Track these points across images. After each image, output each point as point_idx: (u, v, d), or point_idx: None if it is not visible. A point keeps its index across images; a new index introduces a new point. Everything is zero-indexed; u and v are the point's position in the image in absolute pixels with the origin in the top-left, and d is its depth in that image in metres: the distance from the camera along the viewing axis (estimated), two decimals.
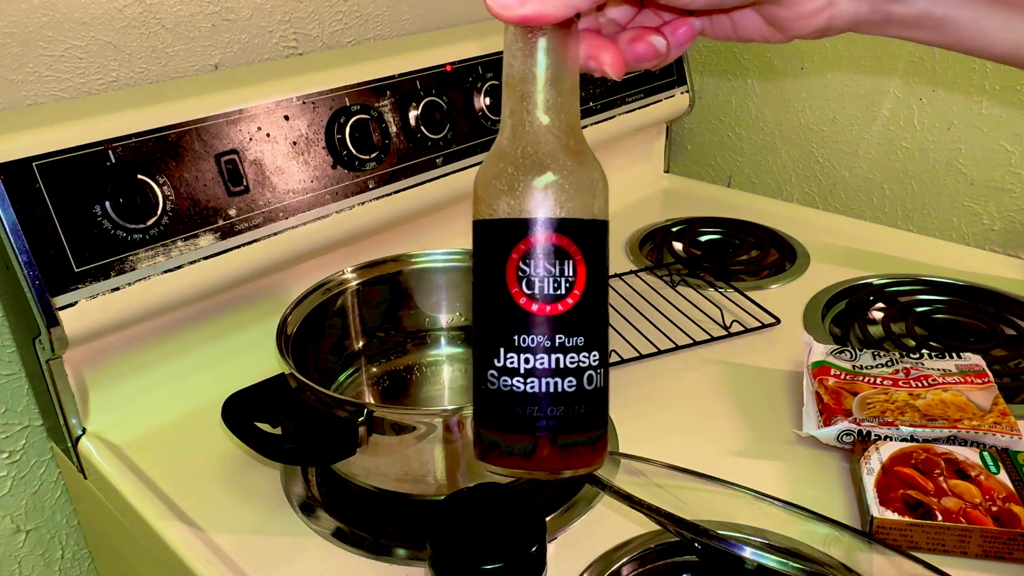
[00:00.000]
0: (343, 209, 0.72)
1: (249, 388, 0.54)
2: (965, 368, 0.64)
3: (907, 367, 0.64)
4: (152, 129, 0.61)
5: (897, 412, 0.59)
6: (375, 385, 0.67)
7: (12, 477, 0.73)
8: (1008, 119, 0.90)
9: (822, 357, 0.67)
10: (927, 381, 0.62)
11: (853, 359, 0.66)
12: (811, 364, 0.66)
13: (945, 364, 0.65)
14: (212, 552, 0.52)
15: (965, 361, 0.65)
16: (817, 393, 0.63)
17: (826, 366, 0.65)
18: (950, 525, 0.49)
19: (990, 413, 0.58)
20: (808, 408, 0.63)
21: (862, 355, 0.67)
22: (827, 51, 1.03)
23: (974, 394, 0.61)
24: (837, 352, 0.67)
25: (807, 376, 0.66)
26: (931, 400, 0.60)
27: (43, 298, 0.56)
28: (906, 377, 0.63)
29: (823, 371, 0.65)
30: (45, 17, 0.65)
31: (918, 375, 0.63)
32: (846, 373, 0.64)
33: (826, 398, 0.62)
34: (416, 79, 0.77)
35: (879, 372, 0.64)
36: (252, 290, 0.71)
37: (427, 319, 0.71)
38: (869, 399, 0.61)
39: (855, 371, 0.65)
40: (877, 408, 0.60)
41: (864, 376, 0.64)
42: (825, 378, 0.64)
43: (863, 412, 0.60)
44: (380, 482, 0.53)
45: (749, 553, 0.38)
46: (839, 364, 0.66)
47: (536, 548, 0.38)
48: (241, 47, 0.78)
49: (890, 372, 0.64)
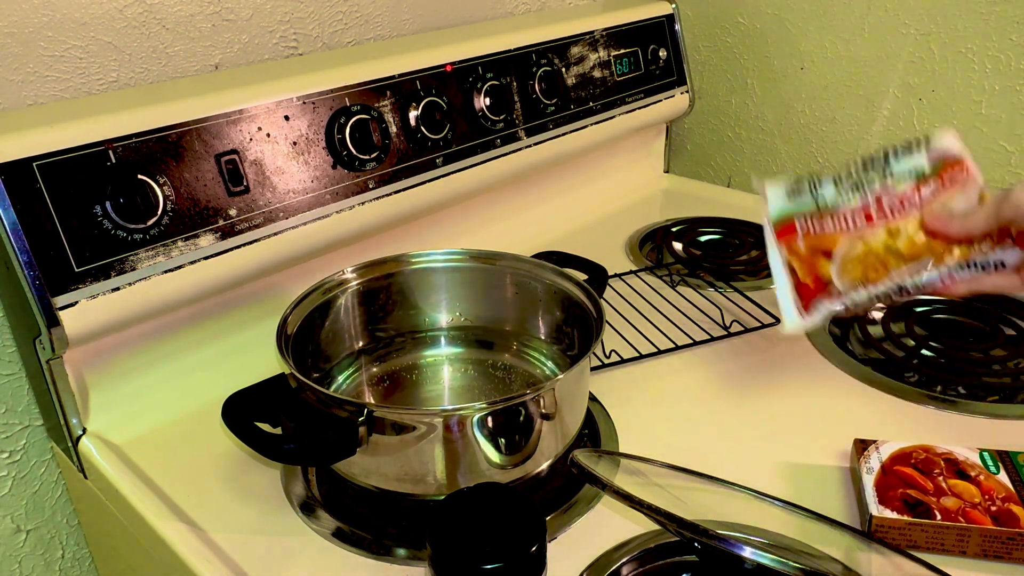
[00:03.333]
0: (343, 209, 0.72)
1: (249, 388, 0.54)
2: (939, 159, 0.58)
3: (877, 192, 0.58)
4: (152, 129, 0.61)
5: (879, 265, 0.55)
6: (375, 385, 0.67)
7: (12, 477, 0.73)
8: (1008, 119, 0.90)
9: (782, 205, 0.60)
10: (904, 205, 0.57)
11: (815, 195, 0.59)
12: (772, 219, 0.59)
13: (916, 162, 0.58)
14: (212, 552, 0.52)
15: (937, 146, 0.59)
16: (790, 266, 0.57)
17: (790, 221, 0.58)
18: (949, 525, 0.49)
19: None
20: (782, 290, 0.57)
21: (824, 187, 0.60)
22: (827, 51, 1.03)
23: (957, 200, 0.56)
24: (796, 193, 0.60)
25: (771, 240, 0.59)
26: (912, 232, 0.56)
27: (43, 298, 0.56)
28: (879, 207, 0.57)
29: (787, 230, 0.58)
30: (45, 17, 0.65)
31: (891, 199, 0.57)
32: (813, 219, 0.58)
33: (801, 272, 0.56)
34: (416, 79, 0.77)
35: (848, 204, 0.58)
36: (252, 290, 0.71)
37: (427, 319, 0.71)
38: (847, 258, 0.56)
39: (821, 208, 0.59)
40: (858, 267, 0.55)
41: (834, 216, 0.58)
42: (792, 240, 0.57)
43: (845, 278, 0.55)
44: (380, 482, 0.53)
45: (749, 553, 0.38)
46: (803, 206, 0.59)
47: (536, 548, 0.38)
48: (241, 47, 0.78)
49: (860, 202, 0.57)
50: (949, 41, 0.92)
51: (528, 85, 0.87)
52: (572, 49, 0.93)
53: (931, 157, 0.57)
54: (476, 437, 0.51)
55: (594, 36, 0.95)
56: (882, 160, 0.59)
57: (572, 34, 0.92)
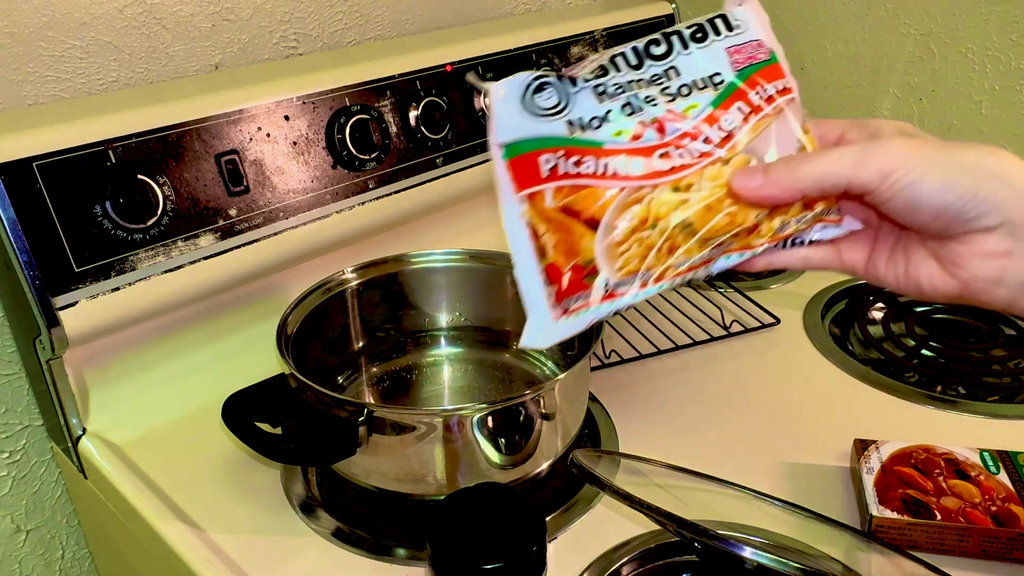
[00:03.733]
0: (343, 209, 0.72)
1: (249, 388, 0.54)
2: (746, 60, 0.40)
3: (659, 117, 0.39)
4: (152, 129, 0.61)
5: (664, 245, 0.38)
6: (375, 385, 0.67)
7: (12, 477, 0.73)
8: (1008, 119, 0.90)
9: (519, 125, 0.38)
10: (697, 143, 0.39)
11: (567, 104, 0.39)
12: (504, 148, 0.38)
13: (712, 64, 0.40)
14: (212, 552, 0.52)
15: (740, 33, 0.40)
16: (532, 228, 0.38)
17: (532, 151, 0.38)
18: (949, 525, 0.49)
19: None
20: (525, 272, 0.38)
21: (581, 91, 0.39)
22: (827, 51, 1.03)
23: (771, 139, 0.40)
24: (541, 92, 0.39)
25: (504, 187, 0.38)
26: (709, 192, 0.38)
27: (43, 298, 0.56)
28: (661, 137, 0.39)
29: (529, 167, 0.38)
30: (45, 17, 0.65)
31: (679, 133, 0.39)
32: (568, 155, 0.38)
33: (549, 246, 0.38)
34: (416, 79, 0.77)
35: (619, 126, 0.39)
36: (252, 290, 0.71)
37: (427, 319, 0.71)
38: (620, 241, 0.38)
39: (581, 143, 0.38)
40: (636, 254, 0.38)
41: (598, 155, 0.38)
42: (539, 192, 0.38)
43: (616, 266, 0.38)
44: (380, 482, 0.53)
45: (749, 553, 0.38)
46: (552, 134, 0.38)
47: (536, 548, 0.38)
48: (241, 47, 0.78)
49: (635, 125, 0.39)
50: (949, 41, 0.92)
51: None
52: (572, 49, 0.92)
53: (734, 57, 0.40)
54: (476, 437, 0.51)
55: (594, 36, 0.95)
56: (663, 55, 0.40)
57: (572, 34, 0.92)
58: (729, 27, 0.41)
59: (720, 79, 0.40)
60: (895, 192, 0.36)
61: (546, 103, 0.38)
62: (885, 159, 0.36)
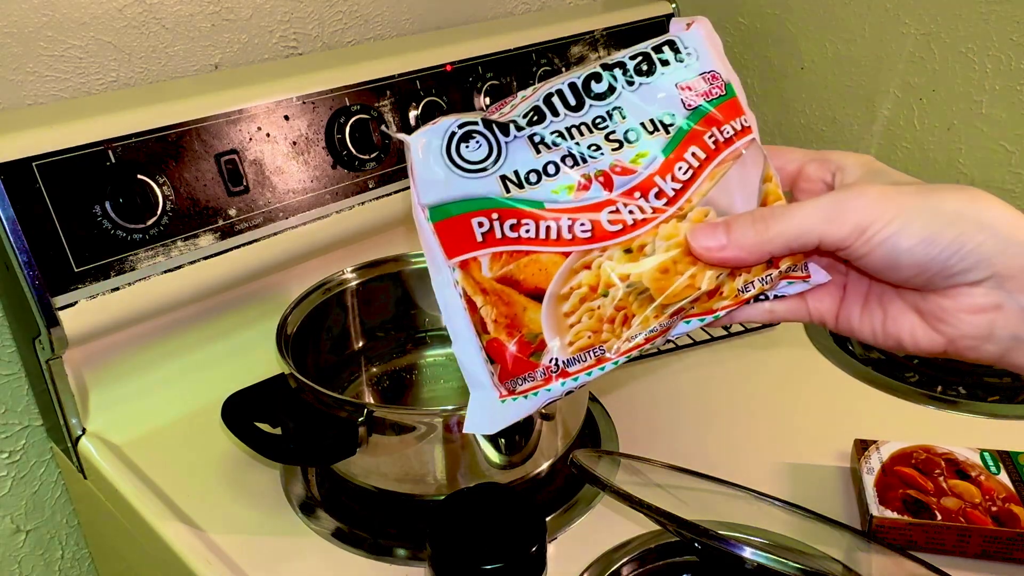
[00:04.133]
0: (343, 209, 0.72)
1: (249, 388, 0.54)
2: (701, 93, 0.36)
3: (603, 167, 0.35)
4: (152, 129, 0.61)
5: (620, 323, 0.34)
6: (375, 385, 0.67)
7: (12, 477, 0.73)
8: (1008, 119, 0.90)
9: (444, 179, 0.34)
10: (650, 199, 0.34)
11: (499, 156, 0.34)
12: (429, 210, 0.34)
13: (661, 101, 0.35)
14: (212, 552, 0.52)
15: (687, 67, 0.36)
16: (468, 299, 0.34)
17: (461, 213, 0.34)
18: (950, 525, 0.49)
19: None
20: (466, 352, 0.35)
21: (514, 140, 0.34)
22: (827, 51, 1.02)
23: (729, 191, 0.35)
24: (467, 143, 0.34)
25: (433, 255, 0.34)
26: (667, 258, 0.34)
27: (43, 298, 0.56)
28: (608, 192, 0.34)
29: (460, 231, 0.34)
30: (45, 17, 0.65)
31: (628, 180, 0.35)
32: (503, 218, 0.34)
33: (489, 320, 0.34)
34: (416, 79, 0.77)
35: (560, 182, 0.34)
36: (252, 290, 0.71)
37: (427, 319, 0.71)
38: (568, 312, 0.34)
39: (517, 203, 0.34)
40: (587, 327, 0.34)
41: (538, 213, 0.34)
42: (474, 259, 0.34)
43: (566, 341, 0.34)
44: (380, 482, 0.53)
45: (749, 553, 0.38)
46: (483, 194, 0.34)
47: (536, 548, 0.38)
48: (241, 47, 0.78)
49: (578, 178, 0.34)
50: (949, 41, 0.92)
51: (528, 85, 0.87)
52: (572, 49, 0.92)
53: (685, 94, 0.36)
54: (476, 437, 0.51)
55: (594, 36, 0.95)
56: (605, 93, 0.36)
57: (572, 34, 0.92)
58: (678, 56, 0.36)
59: (671, 121, 0.36)
60: (872, 248, 0.33)
61: (474, 155, 0.34)
62: (861, 213, 0.33)
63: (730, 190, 0.35)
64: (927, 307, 0.36)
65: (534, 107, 0.35)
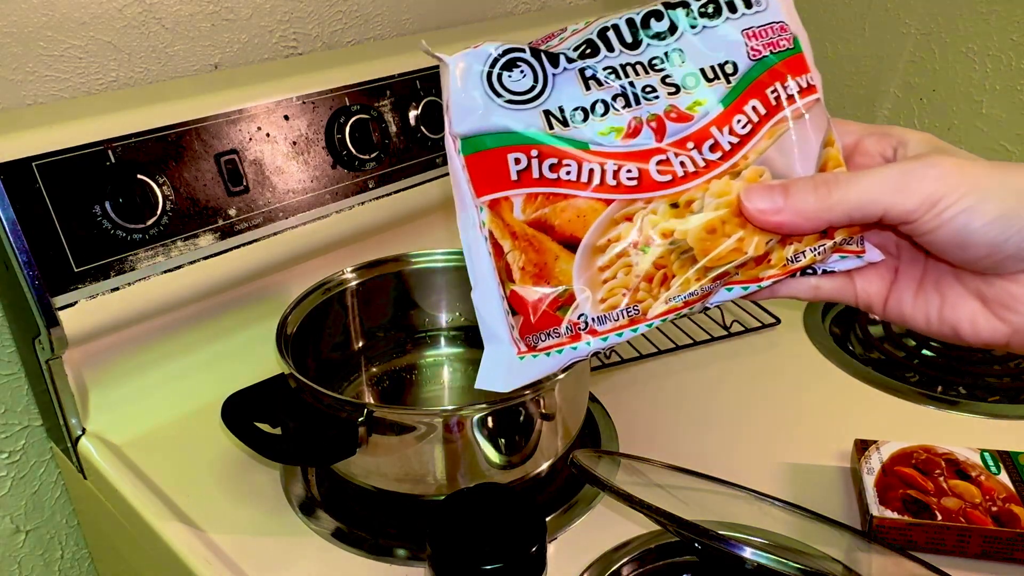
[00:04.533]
0: (343, 209, 0.72)
1: (249, 388, 0.54)
2: (765, 46, 0.34)
3: (658, 112, 0.32)
4: (152, 129, 0.61)
5: (658, 283, 0.31)
6: (375, 385, 0.67)
7: (12, 477, 0.73)
8: (1008, 119, 0.90)
9: (483, 108, 0.31)
10: (704, 151, 0.32)
11: (545, 89, 0.32)
12: (462, 141, 0.32)
13: (724, 50, 0.33)
14: (212, 552, 0.52)
15: (756, 14, 0.34)
16: (494, 243, 0.32)
17: (498, 147, 0.31)
18: (950, 525, 0.49)
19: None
20: (486, 300, 0.33)
21: (563, 72, 0.32)
22: (827, 51, 1.02)
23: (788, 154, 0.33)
24: (512, 71, 0.31)
25: (463, 186, 0.32)
26: (715, 217, 0.31)
27: (43, 298, 0.56)
28: (659, 139, 0.32)
29: (494, 167, 0.31)
30: (45, 17, 0.65)
31: (683, 128, 0.32)
32: (543, 156, 0.31)
33: (516, 267, 0.31)
34: (416, 79, 0.77)
35: (609, 123, 0.32)
36: (252, 290, 0.71)
37: (427, 319, 0.71)
38: (604, 266, 0.31)
39: (561, 142, 0.31)
40: (622, 284, 0.31)
41: (582, 154, 0.31)
42: (506, 199, 0.31)
43: (597, 298, 0.31)
44: (380, 482, 0.53)
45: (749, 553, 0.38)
46: (524, 129, 0.31)
47: (536, 548, 0.38)
48: (241, 47, 0.78)
49: (629, 122, 0.32)
50: (949, 41, 0.92)
51: None
52: None
53: (751, 43, 0.34)
54: (476, 437, 0.51)
55: None
56: (665, 33, 0.33)
57: None
58: (748, 2, 0.34)
59: (734, 69, 0.33)
60: (941, 223, 0.31)
61: (517, 85, 0.31)
62: (933, 184, 0.30)
63: (789, 151, 0.33)
64: (992, 293, 0.33)
65: (587, 40, 0.33)
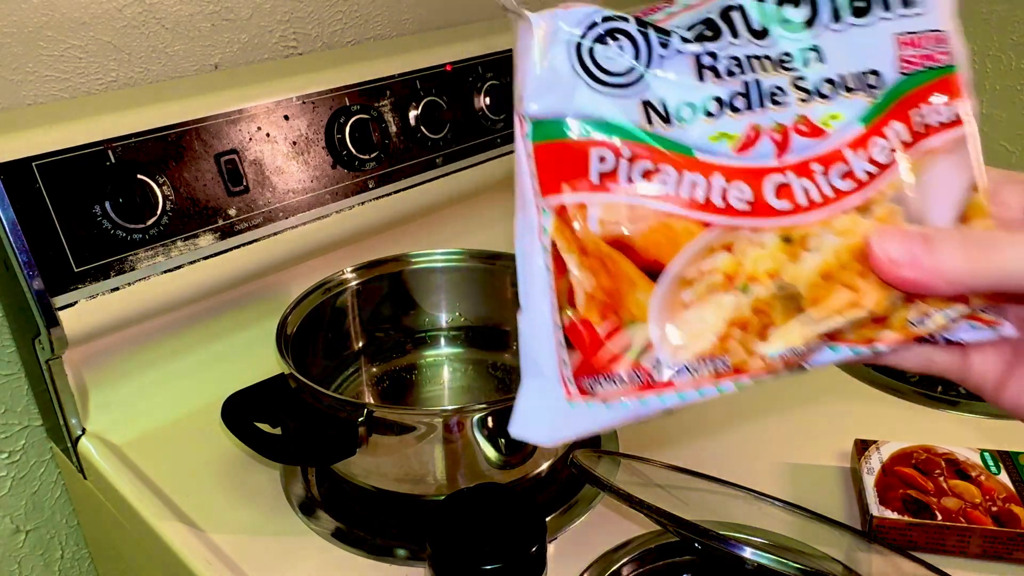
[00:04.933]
0: (343, 209, 0.72)
1: (249, 388, 0.54)
2: (916, 66, 0.27)
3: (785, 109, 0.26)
4: (152, 129, 0.61)
5: (755, 331, 0.26)
6: (375, 385, 0.67)
7: (12, 477, 0.73)
8: (1008, 119, 0.90)
9: (568, 85, 0.26)
10: (833, 176, 0.26)
11: (646, 69, 0.25)
12: (534, 123, 0.26)
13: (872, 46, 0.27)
14: (212, 552, 0.52)
15: (913, 16, 0.27)
16: (556, 256, 0.26)
17: (580, 139, 0.26)
18: (950, 525, 0.49)
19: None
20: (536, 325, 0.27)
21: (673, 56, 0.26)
22: None
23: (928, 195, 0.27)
24: (609, 44, 0.25)
25: (528, 180, 0.27)
26: (834, 260, 0.26)
27: (43, 298, 0.56)
28: (780, 155, 0.26)
29: (570, 161, 0.26)
30: (45, 17, 0.65)
31: (812, 145, 0.26)
32: (635, 157, 0.25)
33: (581, 291, 0.26)
34: (416, 79, 0.77)
35: (722, 126, 0.26)
36: (252, 290, 0.71)
37: (427, 319, 0.71)
38: (691, 300, 0.26)
39: (660, 142, 0.25)
40: (708, 327, 0.26)
41: (684, 161, 0.25)
42: (580, 205, 0.26)
43: (679, 340, 0.26)
44: (380, 482, 0.53)
45: (749, 553, 0.38)
46: (616, 119, 0.25)
47: (536, 548, 0.38)
48: (241, 47, 0.78)
49: (746, 128, 0.26)
50: None
51: None
52: None
53: (904, 51, 0.27)
54: (476, 437, 0.51)
55: None
56: (803, 24, 0.26)
57: None
58: (905, 1, 0.27)
59: (877, 81, 0.26)
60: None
61: (615, 63, 0.25)
62: None
63: (928, 191, 0.26)
64: None
65: (706, 19, 0.26)
